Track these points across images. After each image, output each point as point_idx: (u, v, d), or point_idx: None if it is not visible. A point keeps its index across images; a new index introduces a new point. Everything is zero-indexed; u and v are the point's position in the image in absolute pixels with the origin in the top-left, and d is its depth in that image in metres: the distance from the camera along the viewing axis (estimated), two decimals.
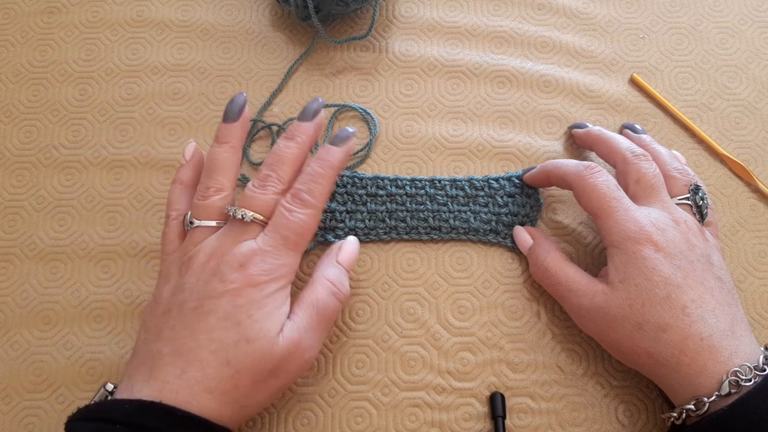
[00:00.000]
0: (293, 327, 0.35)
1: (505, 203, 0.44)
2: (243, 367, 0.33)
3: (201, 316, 0.33)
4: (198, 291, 0.34)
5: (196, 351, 0.33)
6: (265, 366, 0.33)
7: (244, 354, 0.33)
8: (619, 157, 0.40)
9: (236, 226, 0.36)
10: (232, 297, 0.33)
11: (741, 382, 0.32)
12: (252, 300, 0.33)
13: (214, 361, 0.33)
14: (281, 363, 0.34)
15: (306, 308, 0.36)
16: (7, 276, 0.43)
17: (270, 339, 0.33)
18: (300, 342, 0.34)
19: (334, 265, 0.38)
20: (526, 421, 0.40)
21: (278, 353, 0.34)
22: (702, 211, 0.38)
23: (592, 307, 0.37)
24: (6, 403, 0.40)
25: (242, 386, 0.33)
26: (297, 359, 0.35)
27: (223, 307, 0.33)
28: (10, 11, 0.50)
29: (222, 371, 0.33)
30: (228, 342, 0.33)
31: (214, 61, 0.49)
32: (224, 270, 0.34)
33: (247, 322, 0.33)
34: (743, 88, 0.49)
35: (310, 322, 0.35)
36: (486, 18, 0.51)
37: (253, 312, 0.33)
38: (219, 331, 0.33)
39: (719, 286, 0.36)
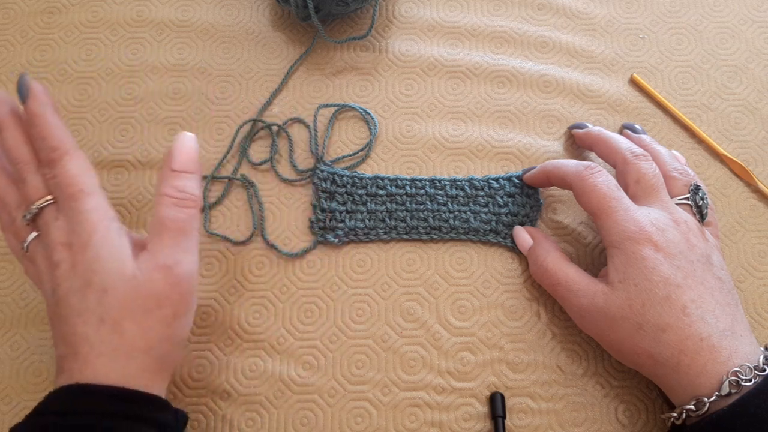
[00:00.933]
0: (147, 254, 0.34)
1: (505, 203, 0.44)
2: (116, 315, 0.32)
3: (62, 303, 0.33)
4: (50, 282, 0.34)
5: (74, 331, 0.33)
6: (136, 304, 0.33)
7: (109, 305, 0.32)
8: (618, 157, 0.40)
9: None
10: (69, 270, 0.33)
11: (741, 382, 0.32)
12: (87, 258, 0.33)
13: (89, 328, 0.32)
14: (151, 292, 0.33)
15: (156, 233, 0.34)
16: (7, 276, 0.43)
17: (124, 277, 0.33)
18: (160, 265, 0.34)
19: (169, 176, 0.35)
20: (526, 421, 0.40)
21: (141, 285, 0.33)
22: (702, 211, 0.38)
23: (592, 307, 0.37)
24: (6, 403, 0.40)
25: (129, 332, 0.33)
26: (166, 281, 0.34)
27: (70, 282, 0.33)
28: (10, 11, 0.50)
29: (102, 331, 0.32)
30: (90, 305, 0.32)
31: (214, 61, 0.49)
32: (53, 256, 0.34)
33: (94, 278, 0.33)
34: (743, 88, 0.49)
35: (162, 241, 0.34)
36: (486, 18, 0.51)
37: (97, 267, 0.33)
38: (78, 303, 0.33)
39: (719, 286, 0.36)
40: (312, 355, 0.41)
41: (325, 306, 0.42)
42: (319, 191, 0.44)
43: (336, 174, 0.44)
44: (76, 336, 0.33)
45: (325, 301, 0.42)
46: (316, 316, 0.42)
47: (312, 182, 0.45)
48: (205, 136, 0.46)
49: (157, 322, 0.33)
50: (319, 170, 0.45)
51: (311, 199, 0.45)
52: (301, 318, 0.42)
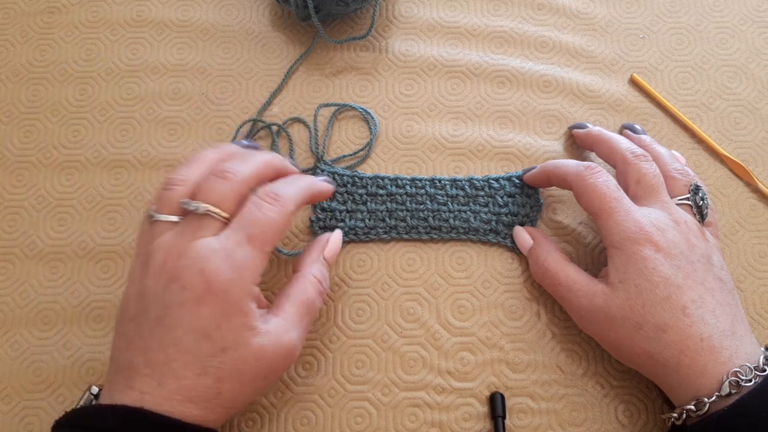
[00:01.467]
0: (279, 325, 0.33)
1: (506, 203, 0.44)
2: (224, 375, 0.31)
3: (166, 328, 0.31)
4: (159, 298, 0.32)
5: (168, 364, 0.31)
6: (250, 371, 0.32)
7: (222, 363, 0.31)
8: (619, 157, 0.40)
9: (192, 220, 0.33)
10: (193, 307, 0.31)
11: (741, 383, 0.32)
12: (216, 310, 0.31)
13: (189, 372, 0.31)
14: (267, 364, 0.33)
15: (293, 305, 0.35)
16: (7, 276, 0.43)
17: (246, 345, 0.32)
18: (287, 341, 0.33)
19: (321, 261, 0.38)
20: (526, 421, 0.40)
21: (262, 356, 0.32)
22: (702, 212, 0.38)
23: (592, 307, 0.37)
24: (6, 403, 0.40)
25: (227, 392, 0.32)
26: (283, 357, 0.33)
27: (188, 319, 0.31)
28: (10, 11, 0.50)
29: (201, 381, 0.31)
30: (201, 354, 0.31)
31: (214, 61, 0.49)
32: (182, 274, 0.31)
33: (216, 334, 0.31)
34: (743, 88, 0.49)
35: (298, 319, 0.34)
36: (486, 18, 0.51)
37: (221, 323, 0.31)
38: (188, 343, 0.31)
39: (719, 286, 0.36)
40: (312, 355, 0.41)
41: (325, 306, 0.42)
42: None
43: (336, 173, 0.45)
44: (168, 369, 0.31)
45: (325, 301, 0.42)
46: (316, 316, 0.42)
47: None
48: (205, 136, 0.46)
49: (256, 388, 0.33)
50: (319, 169, 0.45)
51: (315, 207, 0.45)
52: None
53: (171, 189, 0.34)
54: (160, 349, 0.31)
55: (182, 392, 0.31)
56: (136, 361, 0.31)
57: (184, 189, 0.34)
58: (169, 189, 0.34)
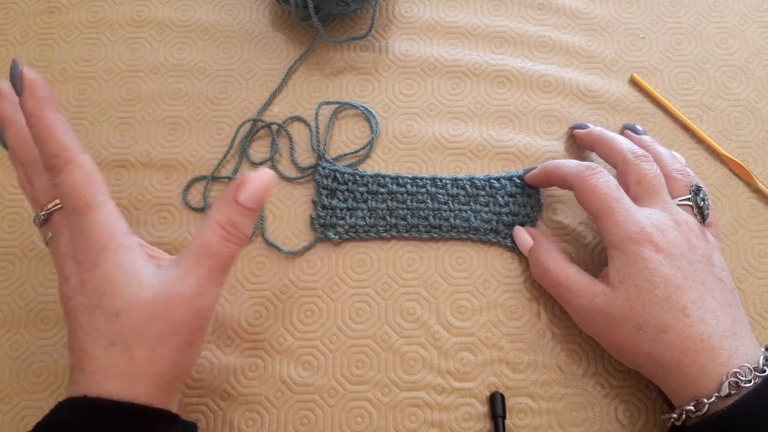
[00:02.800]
0: (173, 277, 0.32)
1: (506, 203, 0.44)
2: (129, 340, 0.31)
3: (71, 316, 0.32)
4: (62, 292, 0.33)
5: (82, 348, 0.31)
6: (151, 329, 0.31)
7: (121, 328, 0.31)
8: (619, 157, 0.40)
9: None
10: (78, 285, 0.32)
11: (741, 383, 0.32)
12: (95, 277, 0.31)
13: (98, 348, 0.31)
14: (168, 317, 0.31)
15: (192, 254, 0.32)
16: (7, 276, 0.43)
17: (140, 303, 0.31)
18: (179, 290, 0.31)
19: (229, 205, 0.32)
20: (526, 421, 0.40)
21: (159, 310, 0.31)
22: (703, 212, 0.38)
23: (592, 307, 0.37)
24: (6, 403, 0.40)
25: (139, 358, 0.31)
26: (185, 307, 0.32)
27: (80, 295, 0.32)
28: (10, 11, 0.50)
29: (111, 353, 0.31)
30: (99, 326, 0.31)
31: (214, 61, 0.49)
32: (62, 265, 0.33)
33: (104, 301, 0.31)
34: (743, 88, 0.49)
35: (196, 268, 0.32)
36: (486, 18, 0.51)
37: (105, 289, 0.31)
38: (86, 321, 0.31)
39: (720, 287, 0.36)
40: (312, 355, 0.41)
41: (325, 306, 0.42)
42: (321, 188, 0.44)
43: (337, 171, 0.45)
44: (84, 353, 0.31)
45: (325, 301, 0.42)
46: (316, 316, 0.42)
47: (314, 179, 0.45)
48: (205, 136, 0.46)
49: (171, 348, 0.32)
50: (321, 167, 0.45)
51: (312, 197, 0.45)
52: (301, 318, 0.42)
53: None
54: (74, 336, 0.32)
55: (101, 370, 0.31)
56: (70, 356, 0.33)
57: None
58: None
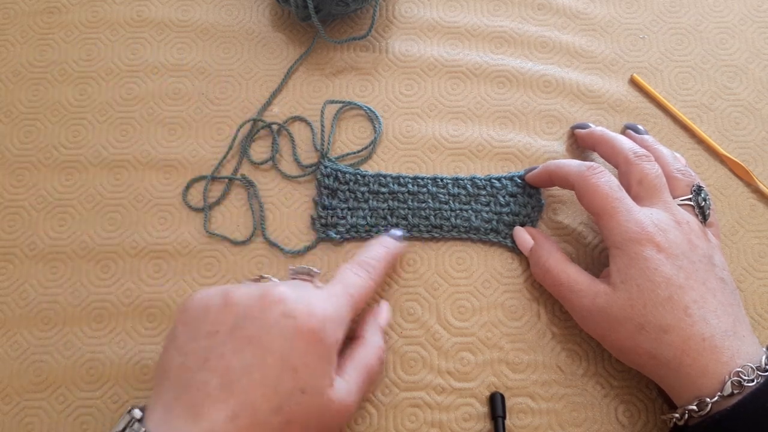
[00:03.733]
0: (347, 387, 0.33)
1: (507, 203, 0.44)
2: (295, 418, 0.30)
3: (257, 350, 0.30)
4: (254, 316, 0.31)
5: (248, 391, 0.29)
6: (315, 420, 0.31)
7: (297, 405, 0.30)
8: (621, 157, 0.40)
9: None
10: (292, 335, 0.30)
11: (743, 383, 0.32)
12: (311, 347, 0.31)
13: (266, 405, 0.29)
14: (330, 419, 0.32)
15: (357, 370, 0.34)
16: (7, 276, 0.43)
17: (321, 395, 0.31)
18: (350, 403, 0.33)
19: (381, 331, 0.38)
20: (526, 421, 0.40)
21: (329, 411, 0.31)
22: (704, 212, 0.38)
23: (593, 307, 0.37)
24: (6, 403, 0.40)
25: None
26: (342, 418, 0.33)
27: (282, 346, 0.30)
28: (10, 11, 0.50)
29: (273, 419, 0.29)
30: (282, 388, 0.30)
31: (214, 61, 0.49)
32: (287, 300, 0.31)
33: (304, 371, 0.30)
34: (743, 88, 0.49)
35: (361, 385, 0.34)
36: (486, 18, 0.51)
37: (311, 362, 0.31)
38: (274, 372, 0.30)
39: (721, 286, 0.36)
40: None
41: None
42: (322, 188, 0.44)
43: (339, 171, 0.45)
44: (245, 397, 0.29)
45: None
46: None
47: (315, 178, 0.45)
48: (205, 136, 0.46)
49: None
50: (323, 166, 0.45)
51: (312, 197, 0.45)
52: None
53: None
54: (244, 372, 0.29)
55: (253, 428, 0.29)
56: (211, 383, 0.29)
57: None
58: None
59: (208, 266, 0.43)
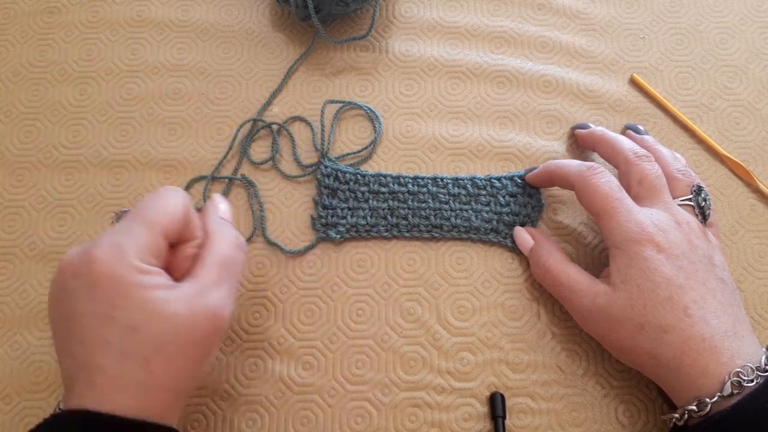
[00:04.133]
0: (191, 290, 0.32)
1: (507, 203, 0.44)
2: (147, 353, 0.30)
3: (73, 324, 0.30)
4: (63, 297, 0.31)
5: (91, 358, 0.30)
6: (172, 342, 0.31)
7: (139, 342, 0.30)
8: (621, 157, 0.40)
9: None
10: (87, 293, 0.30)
11: (743, 383, 0.32)
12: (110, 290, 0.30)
13: (110, 361, 0.30)
14: (188, 331, 0.31)
15: (207, 266, 0.33)
16: (7, 276, 0.43)
17: (156, 318, 0.30)
18: (203, 304, 0.32)
19: (223, 222, 0.36)
20: (526, 421, 0.40)
21: (178, 324, 0.31)
22: (704, 212, 0.38)
23: (593, 307, 0.37)
24: (6, 403, 0.40)
25: (158, 370, 0.30)
26: (206, 321, 0.32)
27: (84, 306, 0.30)
28: (10, 11, 0.50)
29: (126, 366, 0.30)
30: (113, 338, 0.30)
31: (214, 61, 0.49)
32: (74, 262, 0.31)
33: (119, 314, 0.30)
34: (743, 88, 0.49)
35: (215, 280, 0.33)
36: (486, 18, 0.51)
37: (118, 302, 0.30)
38: (96, 331, 0.30)
39: (721, 287, 0.36)
40: (312, 355, 0.41)
41: (325, 306, 0.42)
42: (322, 187, 0.44)
43: (339, 170, 0.45)
44: (92, 366, 0.30)
45: (325, 301, 0.42)
46: (316, 316, 0.42)
47: (315, 178, 0.45)
48: (205, 136, 0.46)
49: (190, 360, 0.32)
50: (323, 165, 0.45)
51: (312, 196, 0.45)
52: (301, 318, 0.42)
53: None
54: (81, 346, 0.30)
55: (112, 383, 0.30)
56: (70, 368, 0.31)
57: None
58: None
59: None
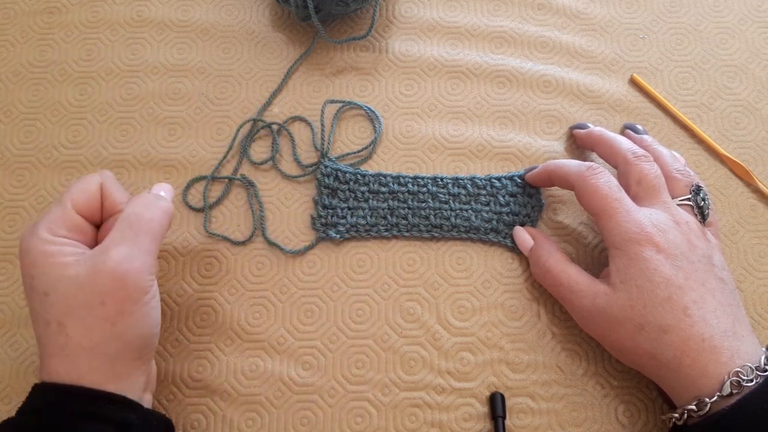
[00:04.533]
0: (96, 251, 0.33)
1: (507, 202, 0.44)
2: (59, 316, 0.32)
3: (34, 300, 0.34)
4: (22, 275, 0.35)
5: (37, 334, 0.34)
6: (79, 303, 0.32)
7: (50, 306, 0.33)
8: (620, 158, 0.40)
9: None
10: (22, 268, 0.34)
11: (742, 383, 0.32)
12: (28, 261, 0.33)
13: (40, 329, 0.33)
14: (94, 290, 0.32)
15: (116, 228, 0.34)
16: (7, 276, 0.43)
17: (60, 279, 0.32)
18: (106, 262, 0.32)
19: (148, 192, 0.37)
20: (526, 421, 0.40)
21: (81, 285, 0.32)
22: (703, 212, 0.38)
23: (593, 308, 0.37)
24: (6, 403, 0.40)
25: (73, 333, 0.32)
26: (111, 278, 0.32)
27: (23, 279, 0.34)
28: (10, 11, 0.50)
29: (48, 331, 0.33)
30: (37, 308, 0.33)
31: (214, 61, 0.49)
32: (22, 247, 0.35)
33: (35, 282, 0.33)
34: (743, 88, 0.49)
35: (126, 237, 0.33)
36: (486, 18, 0.51)
37: (32, 270, 0.33)
38: (30, 306, 0.34)
39: (720, 286, 0.36)
40: (312, 355, 0.41)
41: (325, 306, 0.42)
42: (322, 187, 0.44)
43: (339, 170, 0.44)
44: (36, 338, 0.34)
45: (325, 301, 0.42)
46: (316, 316, 0.42)
47: (315, 178, 0.45)
48: (205, 136, 0.46)
49: (101, 319, 0.32)
50: (323, 165, 0.45)
51: (312, 196, 0.45)
52: (301, 318, 0.42)
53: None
54: (34, 325, 0.34)
55: (46, 351, 0.33)
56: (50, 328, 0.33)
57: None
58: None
59: (208, 266, 0.43)
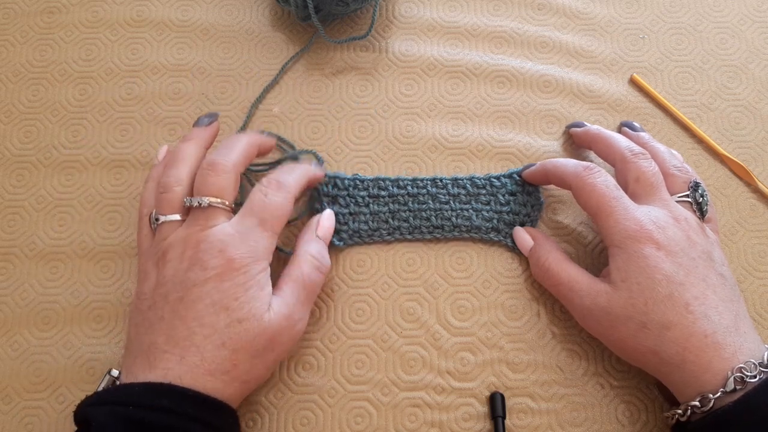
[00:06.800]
0: (281, 303, 0.36)
1: (507, 201, 0.44)
2: (239, 346, 0.34)
3: (188, 304, 0.34)
4: (180, 281, 0.34)
5: (190, 338, 0.33)
6: (260, 342, 0.34)
7: (237, 334, 0.34)
8: (617, 155, 0.40)
9: (198, 214, 0.36)
10: (215, 283, 0.34)
11: (746, 379, 0.32)
12: (236, 284, 0.34)
13: (209, 344, 0.33)
14: (274, 337, 0.35)
15: (292, 284, 0.37)
16: (7, 276, 0.43)
17: (259, 318, 0.34)
18: (289, 316, 0.36)
19: (315, 240, 0.40)
20: (526, 421, 0.40)
21: (270, 329, 0.35)
22: (702, 208, 0.38)
23: (594, 307, 0.37)
24: (6, 403, 0.40)
25: (241, 364, 0.34)
26: (288, 332, 0.36)
27: (209, 293, 0.34)
28: (10, 11, 0.50)
29: (219, 353, 0.33)
30: (220, 325, 0.34)
31: (214, 61, 0.49)
32: (204, 257, 0.34)
33: (234, 305, 0.34)
34: (743, 88, 0.49)
35: (298, 296, 0.37)
36: (486, 18, 0.51)
37: (240, 295, 0.34)
38: (209, 316, 0.34)
39: (721, 282, 0.36)
40: (312, 355, 0.41)
41: (325, 306, 0.42)
42: (322, 195, 0.44)
43: (337, 177, 0.44)
44: (189, 343, 0.33)
45: (325, 301, 0.42)
46: (317, 316, 0.42)
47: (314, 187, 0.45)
48: None
49: (265, 363, 0.36)
50: None
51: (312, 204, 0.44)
52: None
53: (169, 191, 0.37)
54: (182, 324, 0.34)
55: (203, 365, 0.33)
56: (158, 341, 0.34)
57: (182, 188, 0.37)
58: (167, 192, 0.37)
59: None
